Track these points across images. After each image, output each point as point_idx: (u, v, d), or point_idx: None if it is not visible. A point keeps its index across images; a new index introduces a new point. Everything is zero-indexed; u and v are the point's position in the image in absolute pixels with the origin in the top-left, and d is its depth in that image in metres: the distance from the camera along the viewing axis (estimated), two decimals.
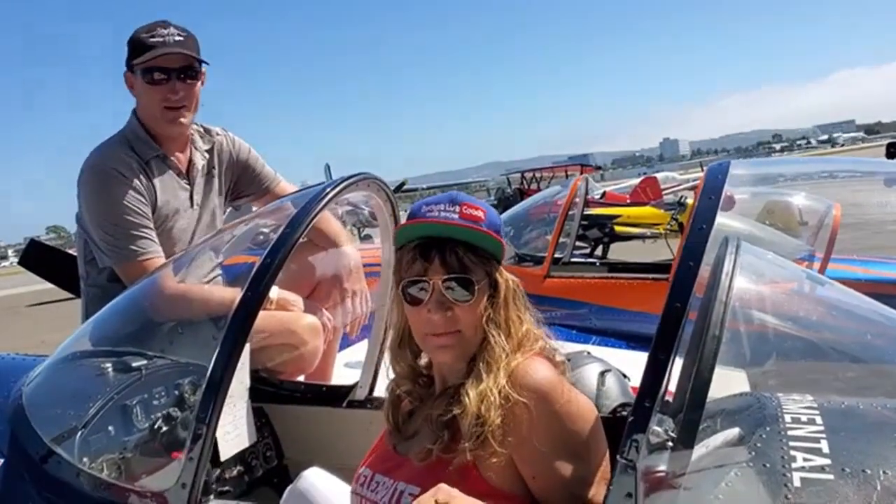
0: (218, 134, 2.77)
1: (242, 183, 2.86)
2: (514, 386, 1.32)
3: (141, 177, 2.47)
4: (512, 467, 1.31)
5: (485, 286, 1.39)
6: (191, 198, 2.65)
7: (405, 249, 1.42)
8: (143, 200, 2.45)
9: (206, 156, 2.71)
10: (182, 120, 2.53)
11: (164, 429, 1.86)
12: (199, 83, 2.57)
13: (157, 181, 2.53)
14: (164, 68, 2.47)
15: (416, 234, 1.41)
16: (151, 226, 2.47)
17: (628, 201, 13.17)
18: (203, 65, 2.55)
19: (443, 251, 1.37)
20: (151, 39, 2.44)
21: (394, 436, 1.51)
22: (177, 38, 2.46)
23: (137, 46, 2.46)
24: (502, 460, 1.29)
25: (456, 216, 1.37)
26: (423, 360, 1.52)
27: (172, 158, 2.59)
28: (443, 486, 1.22)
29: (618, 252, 11.09)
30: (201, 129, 2.72)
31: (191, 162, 2.66)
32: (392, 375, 1.56)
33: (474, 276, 1.38)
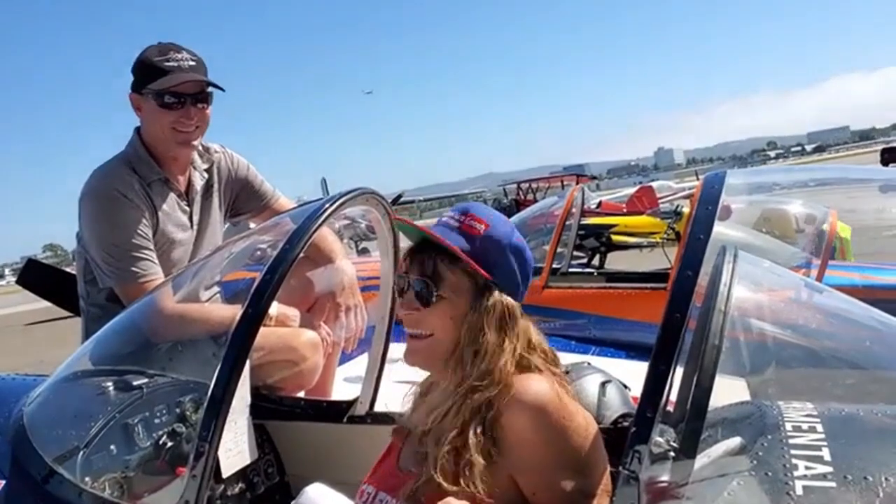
0: (216, 152, 2.77)
1: (241, 200, 2.86)
2: (512, 403, 1.31)
3: (142, 198, 2.47)
4: (512, 484, 1.31)
5: (452, 297, 1.37)
6: (190, 219, 2.65)
7: None
8: (145, 222, 2.45)
9: (206, 175, 2.71)
10: (193, 143, 2.54)
11: (169, 444, 1.86)
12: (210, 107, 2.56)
13: (158, 203, 2.52)
14: (178, 93, 2.45)
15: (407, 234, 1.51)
16: (152, 247, 2.47)
17: (624, 211, 13.19)
18: (214, 89, 2.54)
19: (422, 254, 1.41)
20: (166, 63, 2.43)
21: (403, 448, 1.50)
22: (190, 62, 2.46)
23: (150, 70, 2.44)
24: (496, 477, 1.29)
25: (452, 225, 1.41)
26: None
27: (173, 181, 2.59)
28: (450, 500, 1.22)
29: (614, 261, 11.10)
30: (200, 148, 2.71)
31: (190, 183, 2.66)
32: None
33: (443, 284, 1.37)
